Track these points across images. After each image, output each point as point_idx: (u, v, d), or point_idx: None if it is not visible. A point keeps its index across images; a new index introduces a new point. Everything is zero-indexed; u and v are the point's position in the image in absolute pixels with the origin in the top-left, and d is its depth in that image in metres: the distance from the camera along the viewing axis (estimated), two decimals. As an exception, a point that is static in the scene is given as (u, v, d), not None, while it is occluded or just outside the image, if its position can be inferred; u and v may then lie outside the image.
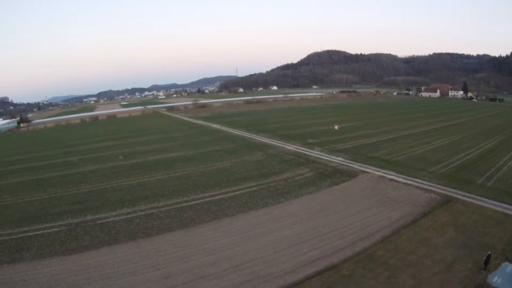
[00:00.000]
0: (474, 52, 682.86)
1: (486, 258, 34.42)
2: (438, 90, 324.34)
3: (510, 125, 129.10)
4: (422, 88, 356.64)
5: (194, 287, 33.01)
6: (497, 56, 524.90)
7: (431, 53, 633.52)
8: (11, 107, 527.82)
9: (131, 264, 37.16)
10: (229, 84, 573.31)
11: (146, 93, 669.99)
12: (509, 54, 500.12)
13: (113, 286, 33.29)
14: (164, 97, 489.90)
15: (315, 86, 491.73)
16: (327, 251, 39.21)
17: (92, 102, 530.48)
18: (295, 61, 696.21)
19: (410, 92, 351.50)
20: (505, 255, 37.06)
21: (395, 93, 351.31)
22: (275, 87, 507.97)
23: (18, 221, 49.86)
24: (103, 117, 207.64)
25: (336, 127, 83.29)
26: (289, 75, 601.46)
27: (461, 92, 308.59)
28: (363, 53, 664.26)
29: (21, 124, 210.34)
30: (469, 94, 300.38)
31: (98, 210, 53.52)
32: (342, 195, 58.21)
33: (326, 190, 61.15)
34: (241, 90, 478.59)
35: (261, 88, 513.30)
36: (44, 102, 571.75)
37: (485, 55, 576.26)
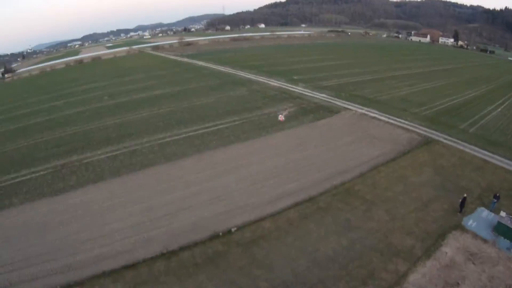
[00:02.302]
0: (468, 2, 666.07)
1: (461, 201, 35.06)
2: (429, 36, 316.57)
3: (498, 76, 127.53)
4: (412, 32, 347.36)
5: (176, 218, 34.19)
6: (491, 8, 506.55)
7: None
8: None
9: (115, 199, 38.15)
10: (216, 22, 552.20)
11: (132, 33, 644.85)
12: (503, 8, 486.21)
13: (98, 221, 34.29)
14: (149, 37, 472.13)
15: (303, 25, 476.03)
16: (305, 183, 40.40)
17: (77, 46, 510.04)
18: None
19: (400, 36, 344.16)
20: (482, 200, 37.76)
21: (384, 35, 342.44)
22: (262, 25, 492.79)
23: (6, 170, 49.22)
24: (88, 60, 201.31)
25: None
26: (277, 14, 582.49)
27: (452, 40, 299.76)
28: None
29: (6, 75, 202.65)
30: (460, 43, 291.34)
31: (83, 150, 53.81)
32: (324, 130, 59.11)
33: (308, 125, 61.97)
34: (228, 28, 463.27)
35: (248, 26, 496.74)
36: (28, 50, 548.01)
37: (479, 7, 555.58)
